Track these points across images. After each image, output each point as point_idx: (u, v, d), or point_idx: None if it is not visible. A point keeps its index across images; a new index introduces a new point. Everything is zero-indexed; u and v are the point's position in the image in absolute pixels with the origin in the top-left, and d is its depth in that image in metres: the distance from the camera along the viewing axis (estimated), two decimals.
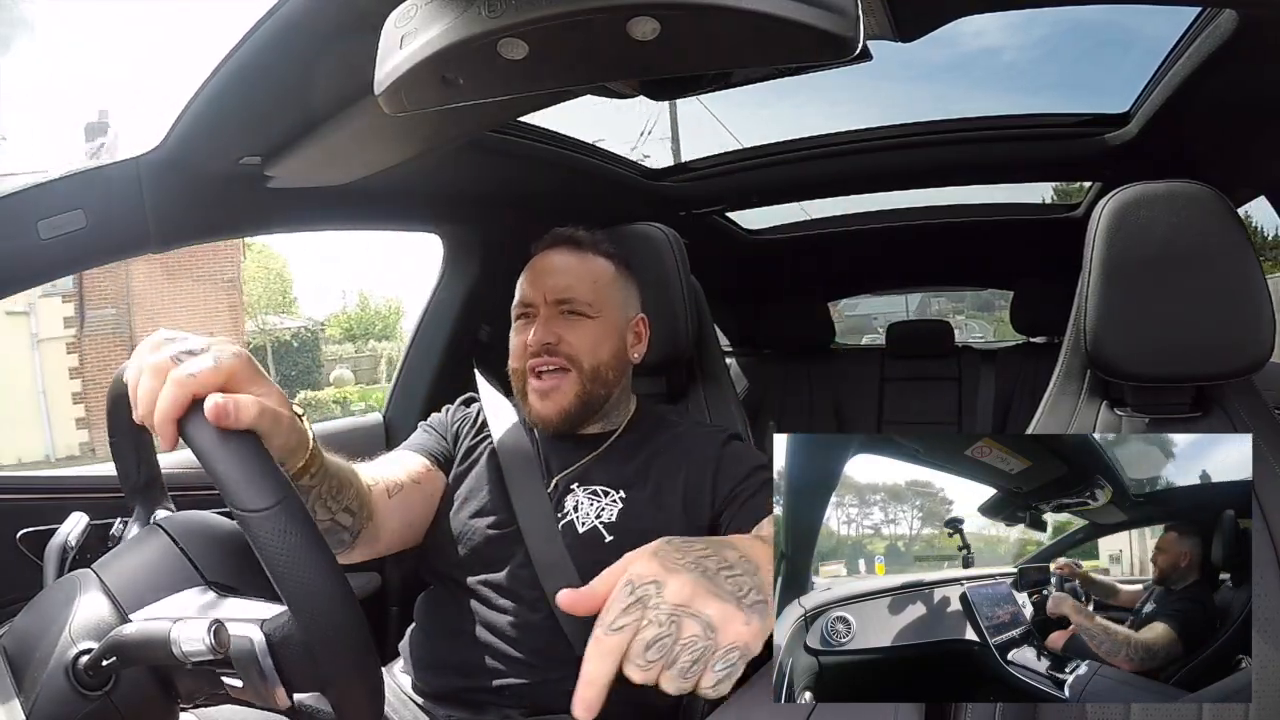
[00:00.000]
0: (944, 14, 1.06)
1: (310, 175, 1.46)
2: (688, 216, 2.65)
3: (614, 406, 1.45)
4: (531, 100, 1.29)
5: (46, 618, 0.80)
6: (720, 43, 0.71)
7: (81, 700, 0.75)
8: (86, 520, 0.96)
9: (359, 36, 0.87)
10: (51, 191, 1.21)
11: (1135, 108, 1.88)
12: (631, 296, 1.49)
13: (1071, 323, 1.29)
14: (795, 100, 10.43)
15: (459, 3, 0.69)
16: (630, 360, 1.46)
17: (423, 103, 0.79)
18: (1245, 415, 1.24)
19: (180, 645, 0.69)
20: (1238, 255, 1.15)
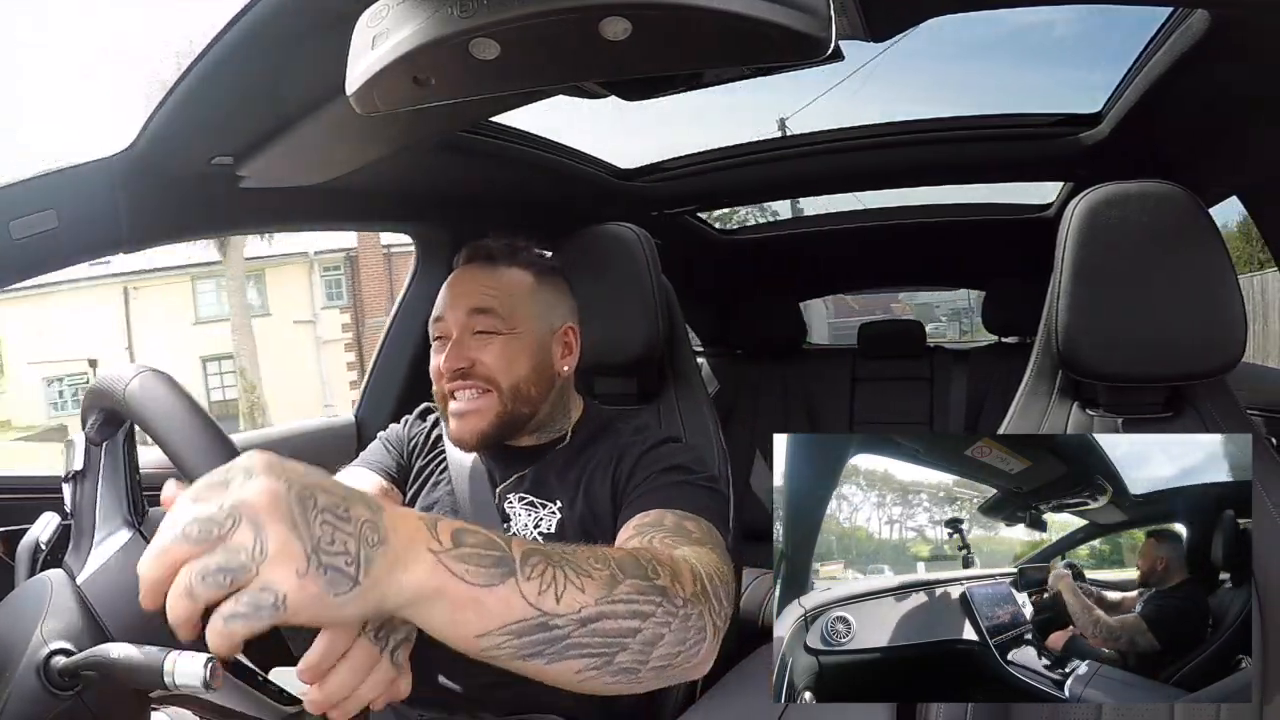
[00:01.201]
0: (915, 14, 1.06)
1: (282, 175, 1.45)
2: (660, 216, 2.66)
3: (549, 418, 1.40)
4: (503, 100, 1.29)
5: (18, 617, 0.80)
6: (692, 43, 0.71)
7: (53, 700, 0.75)
8: (58, 520, 0.96)
9: (331, 36, 0.87)
10: (23, 191, 1.20)
11: (1107, 108, 1.89)
12: (557, 305, 1.41)
13: (1043, 323, 1.28)
14: (765, 98, 10.41)
15: (431, 3, 0.69)
16: (558, 373, 1.38)
17: (395, 102, 0.79)
18: (1218, 415, 1.24)
19: (174, 676, 0.69)
20: (1210, 255, 1.15)
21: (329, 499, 0.60)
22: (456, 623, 0.65)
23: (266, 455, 0.61)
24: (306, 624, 0.59)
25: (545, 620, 0.68)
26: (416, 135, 1.39)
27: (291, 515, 0.58)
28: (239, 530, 0.57)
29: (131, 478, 0.92)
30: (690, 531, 1.07)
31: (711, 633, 0.83)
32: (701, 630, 0.82)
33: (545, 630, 0.68)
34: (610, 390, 1.73)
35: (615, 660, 0.74)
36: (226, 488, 0.59)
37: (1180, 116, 1.65)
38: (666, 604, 0.78)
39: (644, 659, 0.76)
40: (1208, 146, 1.78)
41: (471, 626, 0.65)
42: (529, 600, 0.67)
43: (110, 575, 0.84)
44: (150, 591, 0.58)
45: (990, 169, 2.46)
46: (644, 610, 0.76)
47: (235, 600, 0.56)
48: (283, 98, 1.16)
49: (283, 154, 1.30)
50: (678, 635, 0.79)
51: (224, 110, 1.21)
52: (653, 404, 1.70)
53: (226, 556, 0.56)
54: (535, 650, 0.68)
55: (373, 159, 1.41)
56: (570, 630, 0.70)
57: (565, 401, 1.42)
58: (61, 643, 0.76)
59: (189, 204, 1.42)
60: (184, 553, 0.57)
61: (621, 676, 0.75)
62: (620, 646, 0.74)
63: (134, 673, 0.71)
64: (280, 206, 1.59)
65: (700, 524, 1.11)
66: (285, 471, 0.60)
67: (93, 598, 0.81)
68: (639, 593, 0.76)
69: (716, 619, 0.85)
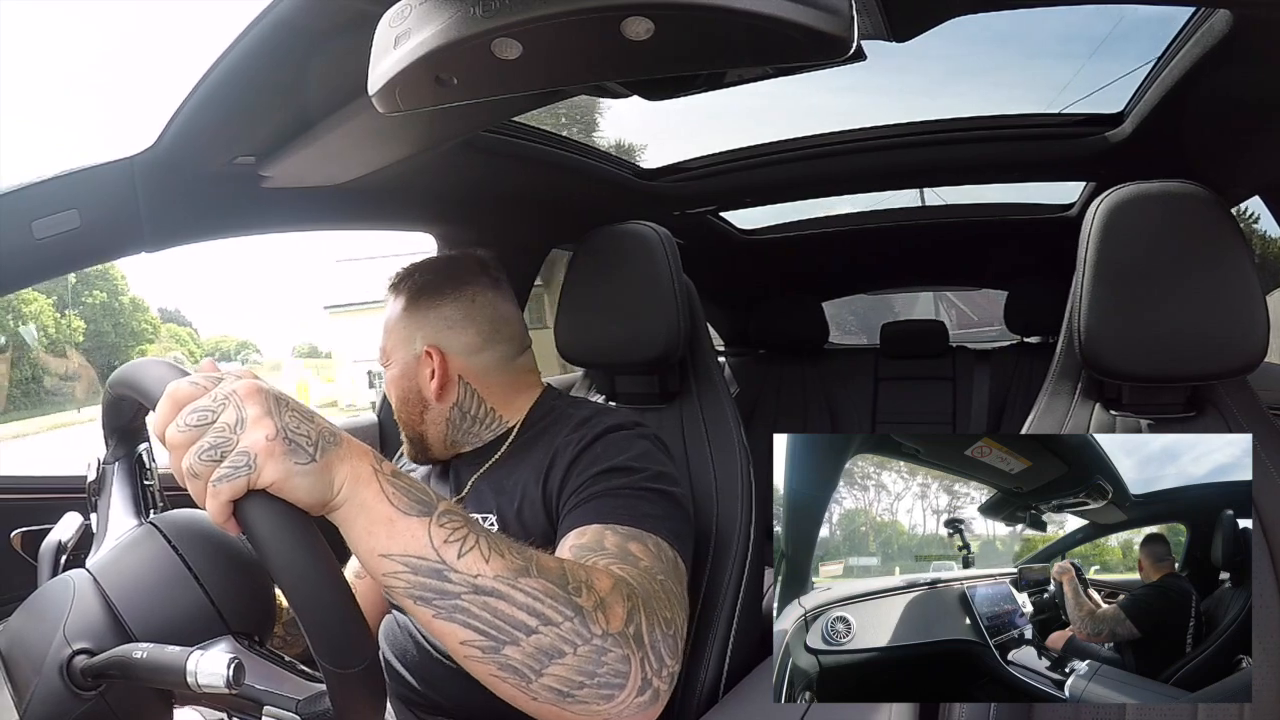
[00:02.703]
0: (938, 14, 1.05)
1: (304, 175, 1.46)
2: (681, 216, 2.65)
3: (465, 431, 1.38)
4: (525, 100, 1.29)
5: (41, 618, 0.80)
6: (714, 43, 0.71)
7: (75, 700, 0.76)
8: (81, 520, 0.96)
9: (353, 36, 0.87)
10: (45, 191, 1.21)
11: (1130, 108, 1.87)
12: (420, 328, 1.37)
13: (1065, 323, 1.28)
14: (790, 100, 10.31)
15: (453, 3, 0.69)
16: (427, 399, 1.36)
17: (417, 102, 0.79)
18: (1240, 415, 1.24)
19: (197, 676, 0.69)
20: (1232, 255, 1.15)
21: (299, 405, 0.74)
22: (369, 535, 0.73)
23: (250, 371, 0.76)
24: (272, 485, 0.68)
25: (441, 569, 0.74)
26: (438, 135, 1.39)
27: (268, 403, 0.71)
28: (226, 411, 0.70)
29: (142, 485, 0.93)
30: (637, 557, 1.01)
31: (635, 684, 0.81)
32: (621, 675, 0.80)
33: (439, 579, 0.74)
34: (631, 390, 1.72)
35: (503, 651, 0.75)
36: (218, 384, 0.72)
37: (1202, 116, 1.63)
38: (579, 624, 0.79)
39: (537, 667, 0.76)
40: (1230, 146, 1.77)
41: (379, 544, 0.73)
42: (433, 543, 0.74)
43: (121, 565, 0.84)
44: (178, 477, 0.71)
45: (1012, 169, 2.45)
46: (547, 615, 0.77)
47: (221, 465, 0.68)
48: (305, 98, 1.17)
49: (305, 154, 1.30)
50: (584, 663, 0.78)
51: (246, 110, 1.21)
52: (674, 403, 1.69)
53: (215, 434, 0.69)
54: (426, 595, 0.74)
55: (395, 159, 1.41)
56: (462, 592, 0.74)
57: (474, 416, 1.38)
58: (84, 643, 0.76)
59: (211, 204, 1.42)
60: (185, 438, 0.69)
61: (510, 675, 0.76)
62: (510, 638, 0.75)
63: (156, 673, 0.72)
64: (302, 206, 1.59)
65: (648, 543, 1.04)
66: (265, 383, 0.73)
67: (108, 588, 0.81)
68: (547, 595, 0.78)
69: (650, 672, 0.83)
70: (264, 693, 0.74)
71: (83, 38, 60.16)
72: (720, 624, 1.45)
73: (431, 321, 1.36)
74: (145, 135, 1.26)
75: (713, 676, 1.41)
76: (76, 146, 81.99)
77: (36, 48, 51.63)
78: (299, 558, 0.67)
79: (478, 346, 1.36)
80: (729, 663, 1.42)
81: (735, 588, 1.47)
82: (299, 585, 0.66)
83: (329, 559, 0.69)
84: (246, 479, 0.67)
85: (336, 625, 0.67)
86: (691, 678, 1.41)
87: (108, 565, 0.84)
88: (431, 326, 1.36)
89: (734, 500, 1.53)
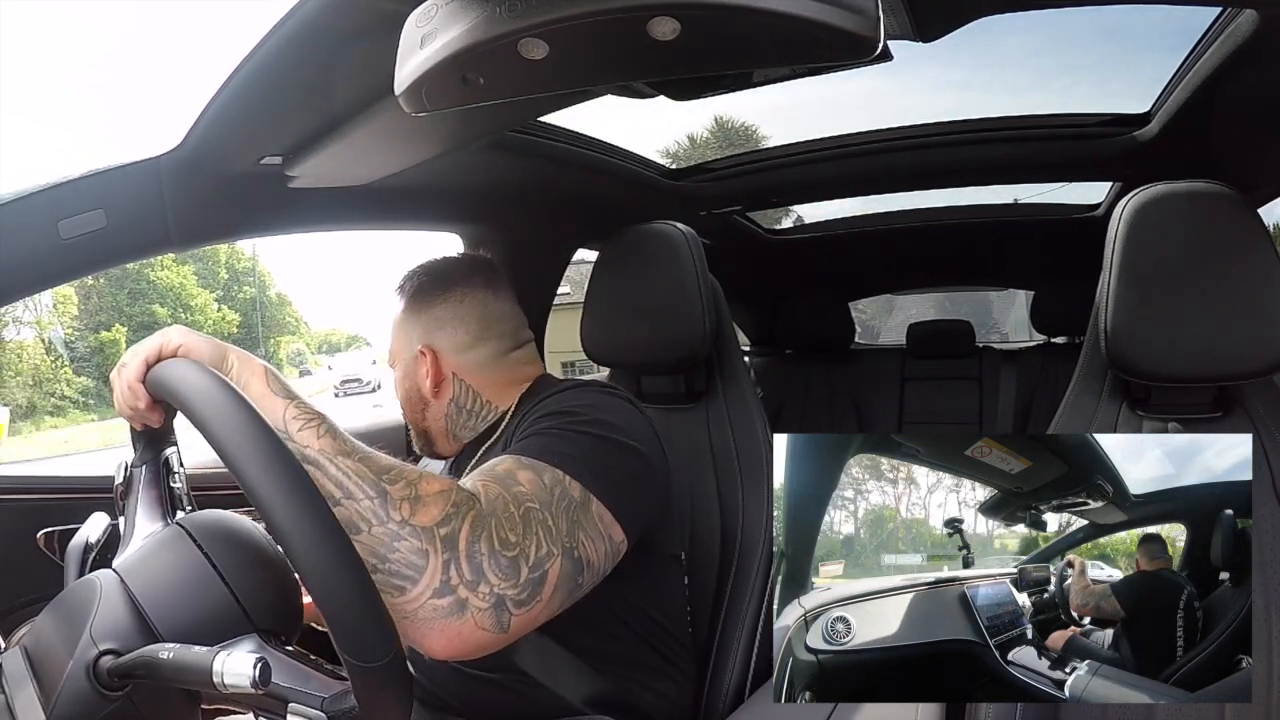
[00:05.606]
0: (964, 14, 1.04)
1: (331, 175, 1.46)
2: (708, 216, 2.65)
3: (461, 424, 1.41)
4: (551, 100, 1.29)
5: (68, 618, 0.81)
6: (740, 43, 0.70)
7: (102, 700, 0.76)
8: (108, 520, 0.97)
9: (379, 36, 0.87)
10: (72, 191, 1.22)
11: (1156, 107, 1.86)
12: (416, 328, 1.41)
13: (1092, 323, 1.28)
14: (815, 99, 10.39)
15: (479, 2, 0.69)
16: (426, 397, 1.40)
17: (443, 102, 0.79)
18: (1267, 414, 1.23)
19: (223, 676, 0.69)
20: (1258, 255, 1.15)
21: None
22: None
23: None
24: (180, 348, 0.89)
25: (285, 437, 0.83)
26: (465, 135, 1.39)
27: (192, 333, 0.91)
28: (154, 339, 0.90)
29: (169, 487, 0.95)
30: (515, 483, 0.98)
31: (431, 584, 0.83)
32: (414, 569, 0.83)
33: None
34: (657, 389, 1.72)
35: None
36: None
37: (1229, 116, 1.62)
38: (377, 505, 0.84)
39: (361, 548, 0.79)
40: (1256, 146, 1.76)
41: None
42: (285, 417, 0.87)
43: (148, 566, 0.85)
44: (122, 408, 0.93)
45: (1039, 169, 2.44)
46: (350, 490, 0.84)
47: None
48: (331, 98, 1.17)
49: (331, 154, 1.30)
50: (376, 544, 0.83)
51: (272, 110, 1.21)
52: (700, 403, 1.69)
53: (140, 345, 0.91)
54: None
55: (421, 159, 1.42)
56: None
57: (475, 405, 1.41)
58: (110, 643, 0.77)
59: (237, 204, 1.43)
60: (124, 374, 0.90)
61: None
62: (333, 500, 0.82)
63: (183, 673, 0.72)
64: (328, 206, 1.60)
65: (542, 475, 1.01)
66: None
67: (134, 588, 0.81)
68: (357, 475, 0.85)
69: (457, 578, 0.84)
70: (290, 690, 0.74)
71: (82, 38, 61.13)
72: (745, 624, 1.44)
73: (424, 322, 1.41)
74: (145, 135, 1.26)
75: (738, 677, 1.41)
76: (76, 147, 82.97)
77: (36, 48, 52.34)
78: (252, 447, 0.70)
79: (468, 344, 1.40)
80: (755, 664, 1.41)
81: (761, 588, 1.47)
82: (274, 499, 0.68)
83: (341, 534, 0.69)
84: (158, 344, 0.89)
85: (352, 598, 0.67)
86: (718, 678, 1.41)
87: (134, 566, 0.84)
88: (424, 327, 1.41)
89: (759, 501, 1.53)
